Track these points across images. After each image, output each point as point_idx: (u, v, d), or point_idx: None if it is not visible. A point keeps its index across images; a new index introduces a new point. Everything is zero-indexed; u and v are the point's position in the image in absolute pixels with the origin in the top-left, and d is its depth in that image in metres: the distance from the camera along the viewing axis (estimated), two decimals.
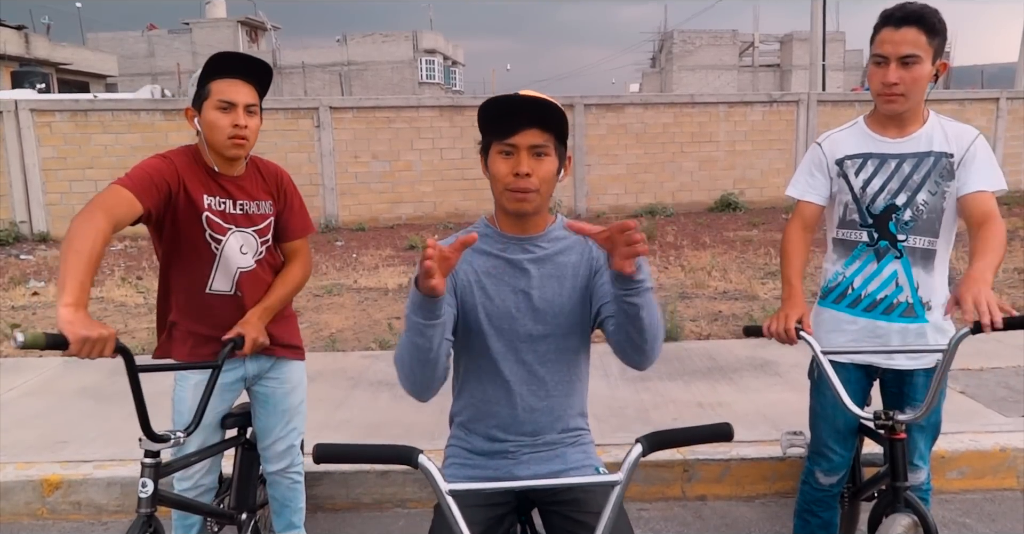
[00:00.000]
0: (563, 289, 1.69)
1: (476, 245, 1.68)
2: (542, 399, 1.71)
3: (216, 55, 2.07)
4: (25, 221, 11.05)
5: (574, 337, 1.73)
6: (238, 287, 2.19)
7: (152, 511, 1.91)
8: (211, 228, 2.11)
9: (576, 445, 1.76)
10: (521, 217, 1.67)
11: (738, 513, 3.06)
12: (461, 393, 1.78)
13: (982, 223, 2.04)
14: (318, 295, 6.75)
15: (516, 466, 1.70)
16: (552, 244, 1.72)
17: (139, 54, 39.47)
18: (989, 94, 13.55)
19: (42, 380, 4.36)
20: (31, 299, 6.85)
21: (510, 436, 1.71)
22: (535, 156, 1.59)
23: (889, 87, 2.02)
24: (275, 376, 2.33)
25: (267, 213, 2.22)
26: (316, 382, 4.21)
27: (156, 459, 1.93)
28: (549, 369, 1.71)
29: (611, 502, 1.28)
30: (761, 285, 6.66)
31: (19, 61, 22.51)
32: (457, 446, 1.77)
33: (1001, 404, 3.62)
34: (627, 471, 1.30)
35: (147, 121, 11.21)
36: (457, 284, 1.67)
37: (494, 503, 1.64)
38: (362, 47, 40.54)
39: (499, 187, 1.62)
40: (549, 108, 1.57)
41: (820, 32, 17.62)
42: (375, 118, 11.85)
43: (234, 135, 2.04)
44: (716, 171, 12.72)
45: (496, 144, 1.60)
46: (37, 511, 3.07)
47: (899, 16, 1.98)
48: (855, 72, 41.20)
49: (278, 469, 2.39)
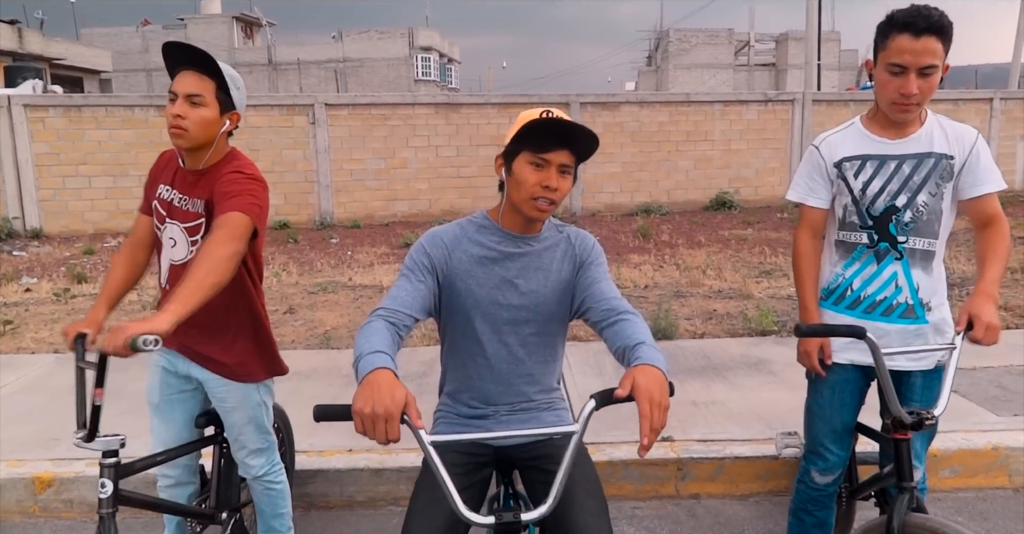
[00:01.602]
0: (547, 281, 1.86)
1: (473, 235, 1.86)
2: (520, 375, 1.89)
3: (163, 46, 2.08)
4: (18, 217, 10.99)
5: (553, 323, 1.90)
6: (168, 281, 2.17)
7: (113, 511, 1.87)
8: (156, 217, 2.20)
9: (551, 409, 1.95)
10: (533, 222, 1.84)
11: (732, 512, 3.06)
12: (447, 367, 1.97)
13: (988, 224, 2.09)
14: (313, 292, 6.74)
15: (495, 425, 1.89)
16: (541, 242, 1.89)
17: (133, 49, 39.28)
18: (983, 94, 13.60)
19: (35, 377, 4.34)
20: (24, 295, 6.82)
21: (490, 405, 1.90)
22: (561, 173, 1.76)
23: (907, 97, 1.99)
24: (215, 394, 2.24)
25: (199, 212, 2.12)
26: (310, 380, 4.21)
27: (115, 459, 1.89)
28: (528, 350, 1.88)
29: (570, 449, 1.46)
30: (756, 284, 6.67)
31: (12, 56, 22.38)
32: (444, 411, 1.96)
33: (993, 403, 3.63)
34: (583, 422, 1.48)
35: (141, 117, 11.16)
36: (448, 268, 1.82)
37: (473, 454, 1.83)
38: (358, 44, 40.45)
39: (524, 193, 1.76)
40: (589, 137, 1.75)
41: (815, 32, 17.67)
42: (371, 115, 11.83)
43: (171, 125, 2.05)
44: (711, 170, 12.74)
45: (529, 154, 1.75)
46: (29, 509, 3.06)
47: (922, 26, 1.90)
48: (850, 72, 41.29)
49: (250, 477, 2.36)
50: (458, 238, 1.85)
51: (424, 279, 1.78)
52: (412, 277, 1.78)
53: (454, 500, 1.39)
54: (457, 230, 1.87)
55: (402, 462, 3.12)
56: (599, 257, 1.90)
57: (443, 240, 1.84)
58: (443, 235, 1.85)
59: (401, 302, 1.72)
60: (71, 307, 6.30)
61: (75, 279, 7.37)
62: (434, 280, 1.80)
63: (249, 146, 11.29)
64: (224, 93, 2.09)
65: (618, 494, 3.10)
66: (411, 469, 3.09)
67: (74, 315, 5.95)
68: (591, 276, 1.84)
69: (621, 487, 3.13)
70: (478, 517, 1.42)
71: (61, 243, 10.37)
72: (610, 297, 1.78)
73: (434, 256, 1.81)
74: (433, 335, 1.67)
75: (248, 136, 11.11)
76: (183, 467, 2.34)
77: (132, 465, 2.00)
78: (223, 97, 2.09)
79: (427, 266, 1.80)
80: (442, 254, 1.82)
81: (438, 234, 1.86)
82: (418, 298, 1.75)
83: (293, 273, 7.73)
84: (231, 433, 2.30)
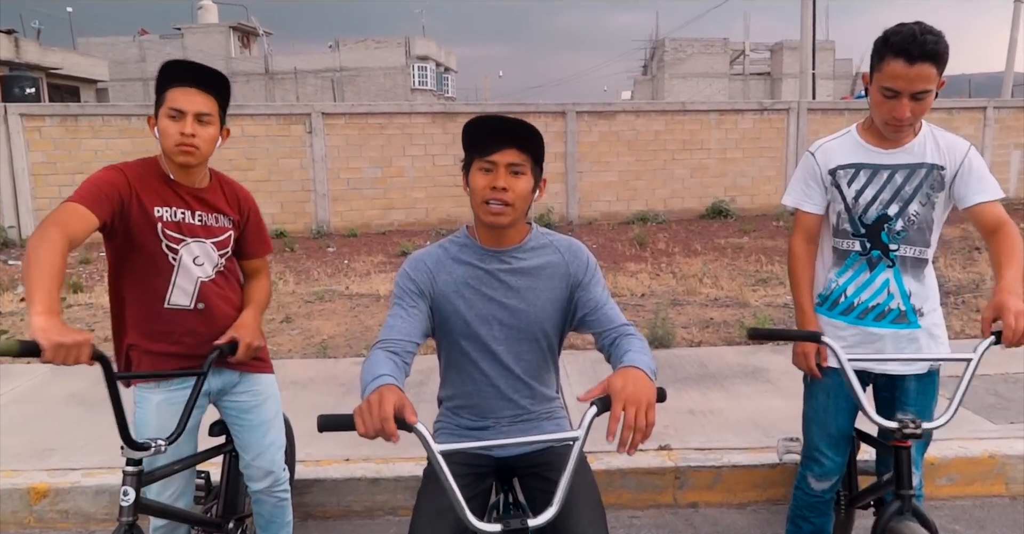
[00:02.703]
0: (538, 299, 1.84)
1: (456, 255, 1.85)
2: (518, 390, 1.89)
3: (168, 63, 2.07)
4: (14, 226, 10.97)
5: (546, 339, 1.89)
6: (199, 299, 2.13)
7: (134, 519, 1.90)
8: (167, 238, 2.09)
9: (551, 419, 1.95)
10: (497, 230, 1.79)
11: (729, 520, 3.06)
12: (445, 382, 1.97)
13: (997, 228, 2.07)
14: (309, 301, 6.73)
15: (497, 436, 1.88)
16: (529, 255, 1.86)
17: (130, 59, 39.30)
18: (977, 103, 13.70)
19: (30, 387, 4.32)
20: (19, 304, 6.80)
21: (490, 418, 1.90)
22: (512, 174, 1.72)
23: (899, 121, 2.02)
24: (244, 390, 2.28)
25: (226, 226, 2.19)
26: (308, 389, 4.19)
27: (138, 467, 1.92)
28: (524, 367, 1.88)
29: (573, 453, 1.46)
30: (752, 292, 6.68)
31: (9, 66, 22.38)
32: (444, 422, 1.97)
33: (990, 411, 3.64)
34: (584, 428, 1.48)
35: (137, 126, 11.16)
36: (435, 291, 1.82)
37: (475, 464, 1.83)
38: (355, 53, 40.54)
39: (477, 200, 1.75)
40: (528, 131, 1.72)
41: (810, 41, 17.77)
42: (367, 124, 11.86)
43: (181, 143, 2.02)
44: (707, 178, 12.78)
45: (477, 160, 1.74)
46: (24, 520, 3.04)
47: (916, 54, 1.90)
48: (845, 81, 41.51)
49: (262, 488, 2.33)
50: (441, 260, 1.84)
51: (416, 303, 1.79)
52: (404, 304, 1.79)
53: (463, 510, 1.40)
54: (439, 252, 1.86)
55: (399, 471, 3.12)
56: (595, 273, 1.88)
57: (426, 264, 1.84)
58: (426, 259, 1.85)
59: (398, 331, 1.72)
60: (67, 317, 6.28)
61: (71, 289, 7.35)
62: (426, 303, 1.81)
63: (246, 155, 11.32)
64: (223, 111, 2.13)
65: (616, 503, 3.10)
66: (408, 478, 3.08)
67: (69, 324, 5.91)
68: (595, 299, 1.83)
69: (619, 496, 3.12)
70: (486, 526, 1.43)
71: None
72: (615, 320, 1.80)
73: (419, 281, 1.81)
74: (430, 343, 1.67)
75: (245, 145, 11.12)
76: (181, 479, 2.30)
77: (152, 473, 2.04)
78: (222, 115, 2.13)
79: (415, 291, 1.80)
80: (426, 278, 1.82)
81: (420, 258, 1.86)
82: (415, 324, 1.75)
83: (290, 282, 7.72)
84: (259, 431, 2.29)
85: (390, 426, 1.38)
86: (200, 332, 2.15)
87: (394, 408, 1.39)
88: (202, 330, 2.15)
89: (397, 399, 1.41)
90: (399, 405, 1.41)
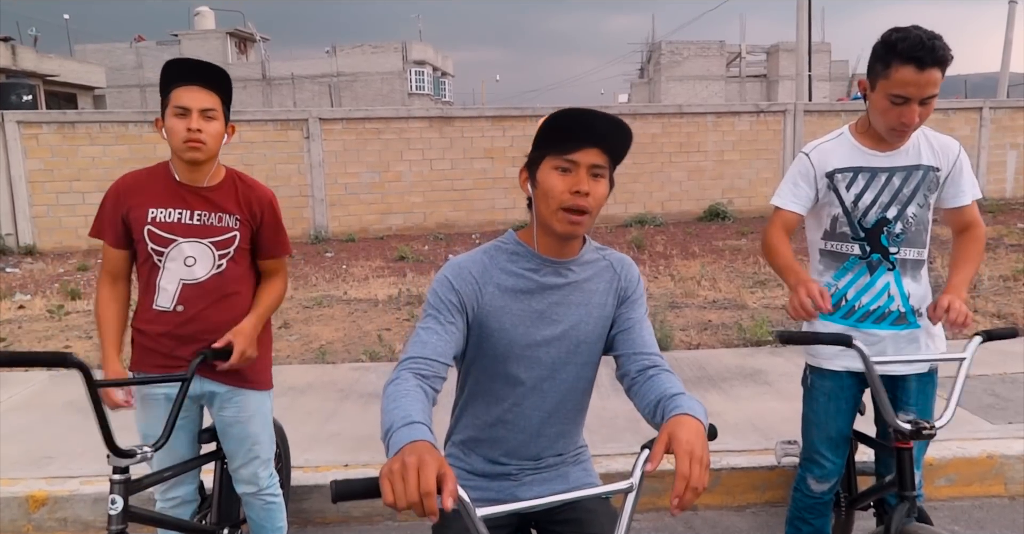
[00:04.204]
0: (590, 318, 1.64)
1: (504, 265, 1.61)
2: (552, 426, 1.67)
3: (169, 63, 2.10)
4: (11, 233, 10.96)
5: (591, 366, 1.68)
6: (179, 301, 2.13)
7: (123, 528, 1.88)
8: (152, 240, 2.11)
9: (577, 463, 1.75)
10: (567, 240, 1.59)
11: (729, 523, 3.06)
12: (464, 413, 1.71)
13: (966, 229, 2.22)
14: (308, 306, 6.73)
15: (519, 488, 1.66)
16: (583, 268, 1.65)
17: (127, 66, 39.30)
18: (972, 103, 13.73)
19: (28, 394, 4.31)
20: (17, 312, 6.79)
21: (513, 460, 1.67)
22: (592, 177, 1.52)
23: (908, 126, 2.02)
24: (230, 404, 2.26)
25: (230, 226, 2.17)
26: (306, 394, 4.19)
27: (125, 475, 1.89)
28: (564, 397, 1.66)
29: (627, 507, 1.28)
30: (750, 294, 6.69)
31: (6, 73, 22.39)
32: (454, 464, 1.70)
33: (988, 411, 3.65)
34: (638, 476, 1.30)
35: (135, 133, 11.16)
36: (479, 306, 1.58)
37: (498, 525, 1.54)
38: (351, 58, 40.57)
39: (552, 204, 1.52)
40: (620, 130, 1.51)
41: (806, 43, 17.82)
42: (365, 129, 11.86)
43: (188, 139, 2.05)
44: (704, 181, 12.79)
45: (553, 158, 1.52)
46: (22, 528, 3.03)
47: (928, 61, 1.90)
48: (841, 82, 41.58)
49: (248, 492, 2.36)
50: (487, 269, 1.59)
51: (454, 320, 1.53)
52: (440, 318, 1.53)
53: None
54: (485, 259, 1.61)
55: None
56: (641, 294, 1.71)
57: (471, 273, 1.58)
58: (470, 267, 1.59)
59: (432, 349, 1.47)
60: (65, 324, 6.28)
61: (69, 296, 7.34)
62: (464, 320, 1.55)
63: (243, 161, 11.30)
64: (227, 107, 2.15)
65: (615, 506, 3.09)
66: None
67: (68, 332, 5.93)
68: (634, 317, 1.65)
69: (617, 499, 3.11)
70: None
71: (54, 259, 10.33)
72: (650, 346, 1.62)
73: (463, 293, 1.56)
74: None
75: (243, 151, 11.12)
76: (187, 486, 2.33)
77: (140, 481, 2.01)
78: (226, 111, 2.15)
79: (456, 304, 1.54)
80: (472, 290, 1.57)
81: (464, 266, 1.59)
82: (450, 342, 1.51)
83: (288, 287, 7.71)
84: (243, 445, 2.29)
85: (432, 504, 1.11)
86: (179, 334, 2.14)
87: (433, 488, 1.12)
88: (180, 333, 2.14)
89: (439, 466, 1.14)
90: (442, 474, 1.14)
